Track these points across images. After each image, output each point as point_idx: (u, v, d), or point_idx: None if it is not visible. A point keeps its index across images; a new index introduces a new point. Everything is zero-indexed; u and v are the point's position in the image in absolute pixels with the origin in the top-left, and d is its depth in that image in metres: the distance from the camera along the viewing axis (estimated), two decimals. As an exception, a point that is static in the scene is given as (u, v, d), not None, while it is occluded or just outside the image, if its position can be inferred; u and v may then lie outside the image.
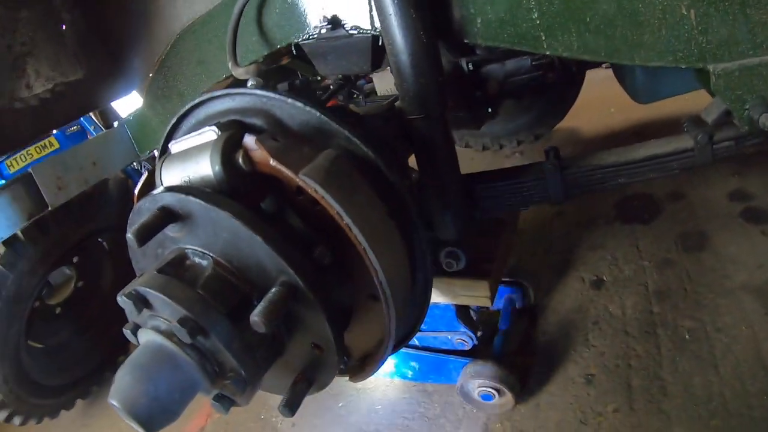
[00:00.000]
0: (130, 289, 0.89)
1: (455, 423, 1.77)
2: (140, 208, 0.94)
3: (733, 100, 1.31)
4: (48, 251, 2.17)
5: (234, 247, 0.85)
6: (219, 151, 0.88)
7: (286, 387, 0.98)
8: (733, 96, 1.30)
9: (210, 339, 0.85)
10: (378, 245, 0.87)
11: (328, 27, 1.45)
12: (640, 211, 2.46)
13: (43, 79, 1.79)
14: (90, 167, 2.05)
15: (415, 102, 1.32)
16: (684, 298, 1.87)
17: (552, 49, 1.31)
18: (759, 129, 1.26)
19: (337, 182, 0.84)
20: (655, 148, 1.57)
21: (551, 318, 2.06)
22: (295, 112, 0.94)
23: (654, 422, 1.49)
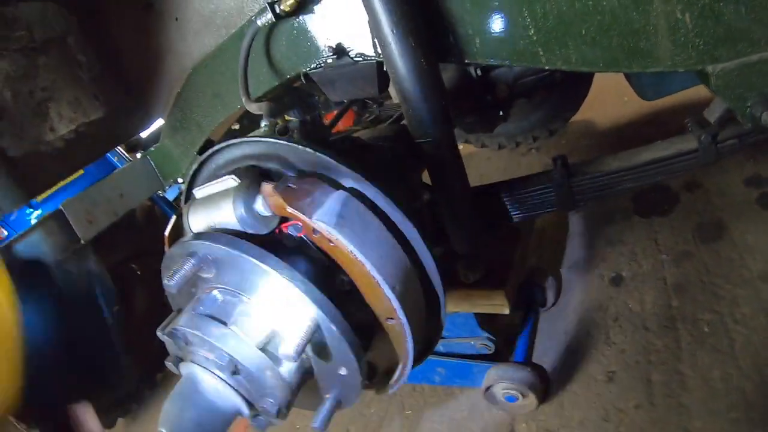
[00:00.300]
0: (171, 328, 0.98)
1: (482, 425, 1.83)
2: (172, 255, 1.02)
3: (734, 98, 1.32)
4: (84, 282, 2.28)
5: (261, 286, 0.93)
6: (240, 199, 0.95)
7: (317, 404, 1.06)
8: (734, 95, 1.32)
9: (246, 369, 0.94)
10: (391, 276, 0.93)
11: (334, 57, 1.51)
12: (658, 203, 2.47)
13: (66, 121, 1.89)
14: (117, 199, 2.15)
15: (421, 126, 1.37)
16: (702, 291, 1.89)
17: (551, 64, 1.35)
18: (762, 126, 1.28)
19: (349, 223, 0.91)
20: (660, 151, 1.59)
21: (572, 317, 2.10)
22: (305, 156, 1.01)
23: (674, 417, 1.52)
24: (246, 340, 0.92)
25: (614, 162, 1.67)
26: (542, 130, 3.49)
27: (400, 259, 0.99)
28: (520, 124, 3.49)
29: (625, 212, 2.52)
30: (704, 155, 1.57)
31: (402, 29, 1.29)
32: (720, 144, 1.57)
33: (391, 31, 1.29)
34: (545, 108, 3.38)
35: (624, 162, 1.66)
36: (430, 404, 2.02)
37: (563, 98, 3.28)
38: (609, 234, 2.44)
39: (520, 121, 3.47)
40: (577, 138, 3.56)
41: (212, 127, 1.99)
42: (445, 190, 1.48)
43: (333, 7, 1.49)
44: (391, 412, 2.07)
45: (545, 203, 1.71)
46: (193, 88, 1.92)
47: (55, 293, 2.15)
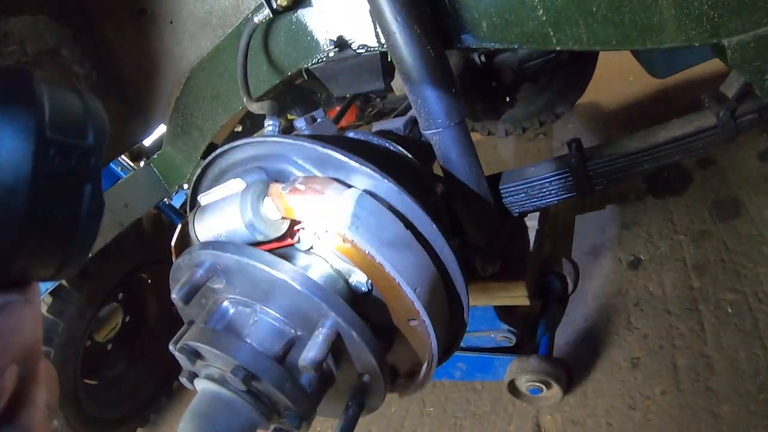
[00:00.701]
0: (182, 344, 0.94)
1: (506, 419, 1.80)
2: (179, 266, 0.98)
3: (752, 71, 1.27)
4: (92, 294, 2.27)
5: (273, 295, 0.89)
6: (247, 203, 0.91)
7: (340, 411, 1.03)
8: (751, 68, 1.27)
9: (262, 383, 0.90)
10: (412, 276, 0.89)
11: (335, 49, 1.46)
12: (672, 183, 2.42)
13: (67, 135, 1.86)
14: (122, 210, 2.12)
15: (431, 117, 1.33)
16: (723, 270, 1.84)
17: (562, 44, 1.29)
18: (782, 100, 1.23)
19: (364, 223, 0.87)
20: (677, 130, 1.54)
21: (592, 303, 2.06)
22: (313, 154, 0.96)
23: (702, 401, 1.48)
24: (261, 353, 0.87)
25: (631, 143, 1.62)
26: (548, 114, 3.43)
27: (421, 257, 0.95)
28: (526, 109, 3.44)
29: (638, 193, 2.46)
30: (723, 131, 1.52)
31: (406, 16, 1.24)
32: (739, 119, 1.51)
33: (395, 19, 1.24)
34: (551, 91, 3.32)
35: (641, 143, 1.60)
36: (452, 400, 1.99)
37: (569, 81, 3.22)
38: (624, 216, 2.39)
39: (526, 106, 3.42)
40: (584, 120, 3.49)
41: (214, 131, 1.95)
42: (459, 182, 1.44)
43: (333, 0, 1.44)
44: (412, 411, 2.04)
45: (562, 189, 1.66)
46: (191, 92, 1.88)
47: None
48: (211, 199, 1.05)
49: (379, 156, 1.35)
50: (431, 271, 0.95)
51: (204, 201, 1.08)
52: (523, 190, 1.64)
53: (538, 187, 1.64)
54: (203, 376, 0.95)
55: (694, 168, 2.39)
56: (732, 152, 2.33)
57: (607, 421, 1.58)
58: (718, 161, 2.34)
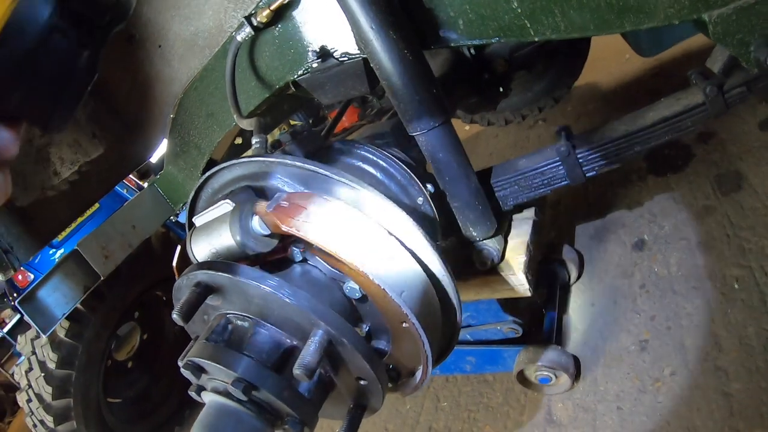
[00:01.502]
0: (186, 360, 0.98)
1: (518, 409, 1.81)
2: (179, 286, 1.02)
3: (735, 45, 1.26)
4: (108, 315, 2.33)
5: (267, 308, 0.92)
6: (237, 223, 0.95)
7: (343, 414, 1.06)
8: (735, 41, 1.26)
9: (263, 392, 0.93)
10: (397, 281, 0.91)
11: (318, 60, 1.49)
12: (672, 159, 2.39)
13: (68, 164, 1.91)
14: (131, 231, 2.18)
15: (414, 119, 1.35)
16: (728, 246, 1.83)
17: (540, 35, 1.30)
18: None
19: (344, 235, 0.89)
20: (665, 110, 1.54)
21: (598, 287, 2.06)
22: (295, 171, 0.99)
23: (712, 380, 1.48)
24: (260, 364, 0.91)
25: (620, 127, 1.62)
26: (546, 99, 3.41)
27: (406, 262, 0.97)
28: (524, 97, 3.43)
29: (639, 173, 2.45)
30: (712, 107, 1.51)
31: (381, 23, 1.26)
32: (727, 93, 1.51)
33: (370, 27, 1.27)
34: (547, 77, 3.31)
35: (630, 126, 1.60)
36: (465, 393, 2.01)
37: (563, 64, 3.21)
38: (625, 198, 2.38)
39: (523, 94, 3.41)
40: (583, 103, 3.47)
41: (212, 148, 1.99)
42: (449, 181, 1.46)
43: (311, 12, 1.47)
44: (427, 407, 2.06)
45: (554, 178, 1.67)
46: (186, 112, 1.92)
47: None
48: (204, 220, 1.09)
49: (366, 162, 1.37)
50: (418, 274, 0.98)
51: (198, 222, 1.12)
52: (515, 182, 1.66)
53: (530, 178, 1.65)
54: (209, 389, 0.99)
55: (695, 143, 2.37)
56: (732, 124, 2.30)
57: (617, 406, 1.59)
58: (718, 134, 2.32)
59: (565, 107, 3.51)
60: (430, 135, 1.37)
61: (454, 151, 1.44)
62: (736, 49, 1.27)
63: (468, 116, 3.50)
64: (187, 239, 1.12)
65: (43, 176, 1.92)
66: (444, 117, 1.38)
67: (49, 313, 2.06)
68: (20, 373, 2.25)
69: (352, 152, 1.36)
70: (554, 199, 2.68)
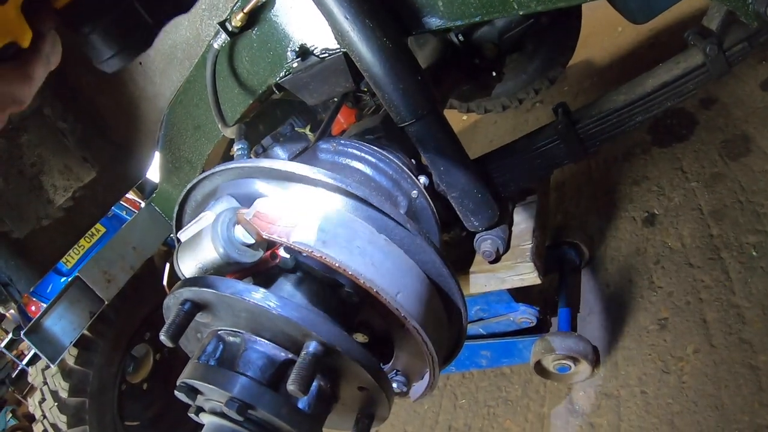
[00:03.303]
0: (179, 382, 0.94)
1: (538, 401, 1.75)
2: (167, 305, 0.97)
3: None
4: (117, 339, 2.30)
5: (255, 322, 0.87)
6: (217, 235, 0.90)
7: (351, 425, 1.01)
8: (731, -6, 1.19)
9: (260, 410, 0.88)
10: (391, 281, 0.86)
11: (298, 59, 1.44)
12: (676, 129, 2.32)
13: (62, 190, 1.88)
14: (131, 253, 2.15)
15: (401, 110, 1.30)
16: (742, 212, 1.75)
17: (524, 8, 1.25)
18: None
19: (331, 236, 0.84)
20: (665, 74, 1.47)
21: (611, 267, 1.99)
22: (275, 174, 0.94)
23: (737, 354, 1.41)
24: (253, 382, 0.86)
25: (619, 97, 1.55)
26: (542, 80, 3.33)
27: (400, 260, 0.92)
28: (519, 80, 3.35)
29: (643, 146, 2.37)
30: (714, 67, 1.44)
31: (356, 12, 1.21)
32: (728, 51, 1.44)
33: (345, 18, 1.22)
34: (539, 57, 3.23)
35: (629, 95, 1.54)
36: (483, 389, 1.95)
37: (555, 43, 3.13)
38: (631, 172, 2.30)
39: (517, 77, 3.33)
40: (579, 80, 3.39)
41: (202, 161, 1.95)
42: (443, 171, 1.40)
43: (286, 11, 1.43)
44: (445, 405, 2.01)
45: (555, 157, 1.61)
46: (173, 127, 1.89)
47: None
48: (188, 235, 1.05)
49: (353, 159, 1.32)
50: (414, 272, 0.93)
51: (183, 237, 1.08)
52: (515, 166, 1.60)
53: (529, 160, 1.59)
54: (207, 410, 0.95)
55: (698, 110, 2.29)
56: (733, 87, 2.22)
57: (641, 390, 1.53)
58: (721, 99, 2.23)
59: (561, 87, 3.43)
60: (419, 125, 1.31)
61: (446, 139, 1.39)
62: (733, 3, 1.20)
63: (464, 105, 3.44)
64: (174, 256, 1.08)
65: (37, 205, 1.89)
66: (431, 105, 1.32)
67: (56, 341, 2.04)
68: (34, 404, 2.24)
69: (339, 150, 1.31)
70: (559, 181, 2.61)
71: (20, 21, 0.47)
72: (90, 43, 0.58)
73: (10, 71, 0.50)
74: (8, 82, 0.49)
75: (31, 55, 0.51)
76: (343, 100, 2.14)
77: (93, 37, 0.57)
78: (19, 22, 0.47)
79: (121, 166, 2.19)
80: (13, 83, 0.50)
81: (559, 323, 1.76)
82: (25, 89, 0.52)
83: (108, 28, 0.56)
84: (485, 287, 1.62)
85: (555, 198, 2.51)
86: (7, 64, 0.49)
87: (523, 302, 1.77)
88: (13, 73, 0.50)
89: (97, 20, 0.55)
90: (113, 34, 0.58)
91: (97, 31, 0.56)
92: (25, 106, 0.53)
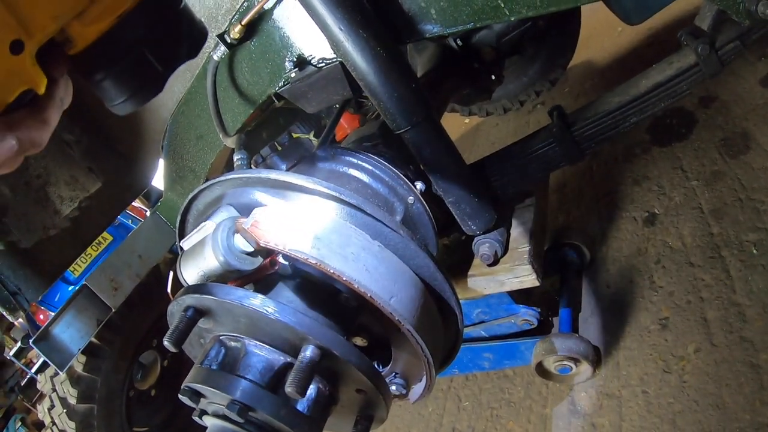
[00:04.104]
0: (183, 386, 0.97)
1: (541, 402, 1.76)
2: (171, 312, 1.00)
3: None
4: (124, 346, 2.33)
5: (255, 327, 0.90)
6: (218, 244, 0.93)
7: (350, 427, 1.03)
8: (722, -7, 1.21)
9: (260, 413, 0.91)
10: (385, 286, 0.88)
11: (296, 69, 1.47)
12: (675, 128, 2.32)
13: (68, 201, 1.92)
14: (137, 261, 2.18)
15: (397, 117, 1.32)
16: (742, 210, 1.75)
17: (515, 14, 1.27)
18: (761, 19, 1.17)
19: (326, 243, 0.86)
20: (658, 75, 1.48)
21: (612, 268, 2.00)
22: (272, 183, 0.97)
23: (738, 353, 1.41)
24: (254, 385, 0.88)
25: (613, 99, 1.57)
26: (542, 82, 3.35)
27: (394, 265, 0.94)
28: (519, 83, 3.37)
29: (643, 145, 2.38)
30: (707, 66, 1.45)
31: (349, 22, 1.23)
32: (721, 50, 1.45)
33: (339, 29, 1.24)
34: (540, 59, 3.24)
35: (623, 96, 1.55)
36: (486, 391, 1.96)
37: (555, 45, 3.14)
38: (632, 172, 2.31)
39: (517, 80, 3.35)
40: (580, 82, 3.40)
41: (206, 170, 1.98)
42: (439, 175, 1.42)
43: (283, 22, 1.45)
44: (449, 408, 2.02)
45: (552, 160, 1.62)
46: (176, 137, 1.92)
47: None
48: (190, 243, 1.07)
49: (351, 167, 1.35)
50: (408, 277, 0.94)
51: (185, 246, 1.10)
52: (512, 169, 1.61)
53: (525, 164, 1.60)
54: (210, 412, 0.97)
55: (697, 108, 2.29)
56: (732, 84, 2.22)
57: (642, 390, 1.53)
58: (720, 96, 2.24)
59: (562, 88, 3.44)
60: (414, 131, 1.33)
61: (441, 144, 1.40)
62: (724, 2, 1.21)
63: (465, 109, 3.45)
64: (177, 264, 1.11)
65: (44, 216, 1.93)
66: (426, 112, 1.34)
67: (64, 349, 2.07)
68: (43, 411, 2.27)
69: (336, 158, 1.33)
70: (559, 182, 2.62)
71: (35, 69, 0.49)
72: (102, 88, 0.60)
73: (28, 117, 0.52)
74: (27, 127, 0.51)
75: (46, 100, 0.54)
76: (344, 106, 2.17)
77: (105, 84, 0.59)
78: (34, 70, 0.49)
79: (126, 176, 2.22)
80: (32, 129, 0.52)
81: (561, 324, 1.76)
82: (43, 133, 0.54)
83: (120, 76, 0.58)
84: (484, 290, 1.63)
85: (556, 199, 2.52)
86: (25, 111, 0.52)
87: (524, 304, 1.79)
88: (30, 119, 0.52)
89: (108, 68, 0.57)
90: (125, 80, 0.59)
91: (109, 78, 0.59)
92: (41, 148, 0.55)
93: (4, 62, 0.46)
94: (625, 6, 1.89)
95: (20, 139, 0.50)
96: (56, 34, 0.51)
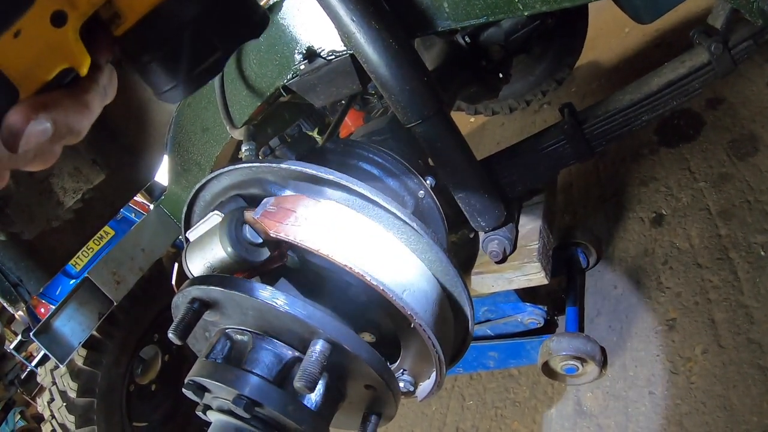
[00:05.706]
0: (187, 380, 0.95)
1: (546, 402, 1.74)
2: (176, 304, 0.98)
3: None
4: (125, 340, 2.32)
5: (263, 320, 0.88)
6: (226, 235, 0.91)
7: (358, 423, 1.01)
8: (737, -8, 1.19)
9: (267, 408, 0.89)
10: (398, 280, 0.87)
11: (305, 61, 1.45)
12: (683, 129, 2.30)
13: (71, 192, 1.90)
14: (140, 255, 2.17)
15: (408, 110, 1.30)
16: (750, 212, 1.74)
17: (529, 9, 1.26)
18: (775, 18, 1.15)
19: (337, 236, 0.85)
20: (671, 73, 1.47)
21: (619, 268, 1.98)
22: (282, 173, 0.95)
23: (746, 355, 1.40)
24: (260, 379, 0.87)
25: (625, 97, 1.55)
26: (549, 82, 3.33)
27: (405, 259, 0.92)
28: (526, 82, 3.35)
29: (650, 146, 2.36)
30: (719, 66, 1.44)
31: (362, 14, 1.22)
32: (733, 49, 1.43)
33: (351, 20, 1.23)
34: (547, 59, 3.23)
35: (635, 94, 1.54)
36: (490, 390, 1.95)
37: (562, 45, 3.12)
38: (639, 172, 2.29)
39: (524, 79, 3.33)
40: (587, 82, 3.39)
41: (211, 163, 1.97)
42: (450, 172, 1.41)
43: (293, 14, 1.44)
44: (453, 407, 2.01)
45: (562, 157, 1.61)
46: (182, 130, 1.91)
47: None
48: (197, 234, 1.06)
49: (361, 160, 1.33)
50: (421, 271, 0.93)
51: (192, 237, 1.09)
52: (521, 167, 1.60)
53: (535, 161, 1.59)
54: (215, 407, 0.96)
55: (704, 110, 2.27)
56: (741, 86, 2.20)
57: (649, 391, 1.52)
58: (728, 98, 2.22)
59: (569, 88, 3.42)
60: (425, 125, 1.32)
61: (452, 139, 1.39)
62: (737, 1, 1.20)
63: (471, 107, 3.44)
64: (183, 256, 1.09)
65: (47, 207, 1.91)
66: (437, 106, 1.33)
67: (65, 342, 2.06)
68: (43, 404, 2.26)
69: (346, 151, 1.32)
70: (566, 182, 2.60)
71: (79, 46, 0.44)
72: (149, 72, 0.51)
73: (66, 97, 0.45)
74: (65, 110, 0.45)
75: (88, 83, 0.47)
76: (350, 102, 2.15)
77: (153, 66, 0.50)
78: (77, 47, 0.44)
79: (130, 168, 2.21)
80: (70, 113, 0.45)
81: (567, 324, 1.75)
82: (83, 120, 0.47)
83: (171, 57, 0.50)
84: (492, 288, 1.62)
85: (563, 199, 2.50)
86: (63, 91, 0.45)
87: (530, 303, 1.77)
88: (70, 101, 0.46)
89: (159, 48, 0.49)
90: (178, 62, 0.51)
91: (159, 59, 0.50)
92: (81, 138, 0.48)
93: (44, 35, 0.41)
94: (636, 5, 1.88)
95: (56, 121, 0.43)
96: (102, 10, 0.45)
